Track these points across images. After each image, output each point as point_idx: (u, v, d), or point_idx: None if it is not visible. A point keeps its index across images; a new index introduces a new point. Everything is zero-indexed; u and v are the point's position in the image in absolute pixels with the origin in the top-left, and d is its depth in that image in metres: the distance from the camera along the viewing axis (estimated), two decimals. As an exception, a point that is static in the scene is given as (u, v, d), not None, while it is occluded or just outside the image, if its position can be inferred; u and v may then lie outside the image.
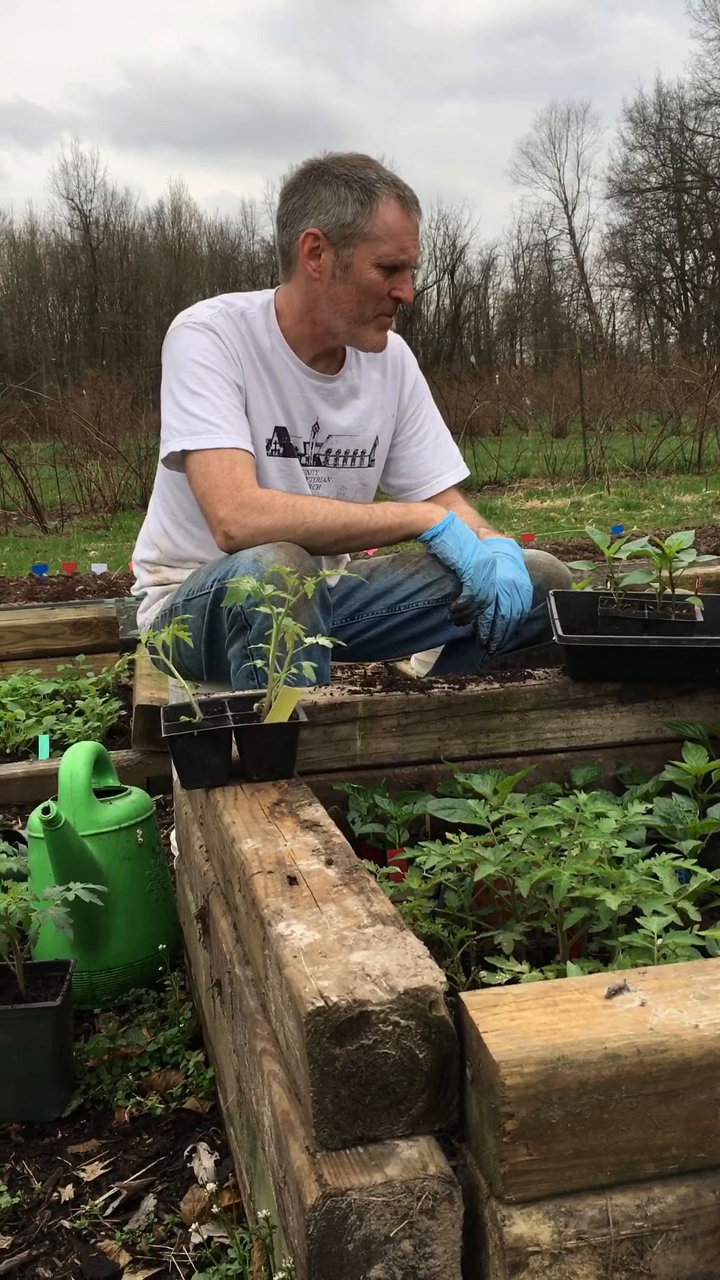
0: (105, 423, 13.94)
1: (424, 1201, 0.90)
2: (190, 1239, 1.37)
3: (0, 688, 3.81)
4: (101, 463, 12.75)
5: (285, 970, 1.01)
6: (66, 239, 48.39)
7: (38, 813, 1.85)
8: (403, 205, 2.20)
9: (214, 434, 2.18)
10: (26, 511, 11.81)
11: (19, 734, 3.49)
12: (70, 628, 4.27)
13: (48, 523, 11.35)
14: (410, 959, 0.99)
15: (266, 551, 2.04)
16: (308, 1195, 0.90)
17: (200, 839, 1.74)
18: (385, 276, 2.22)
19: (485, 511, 9.60)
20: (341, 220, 2.18)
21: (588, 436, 15.07)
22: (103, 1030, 1.82)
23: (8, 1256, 1.37)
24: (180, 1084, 1.69)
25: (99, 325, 44.63)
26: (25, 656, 4.22)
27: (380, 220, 2.18)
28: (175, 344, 2.28)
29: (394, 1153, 0.94)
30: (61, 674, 4.09)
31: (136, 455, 12.68)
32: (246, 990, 1.25)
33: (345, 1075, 0.93)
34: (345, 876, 1.20)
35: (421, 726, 1.87)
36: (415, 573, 2.38)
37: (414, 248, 2.23)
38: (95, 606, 4.68)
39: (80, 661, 4.19)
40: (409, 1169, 0.92)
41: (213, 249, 50.56)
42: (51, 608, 4.73)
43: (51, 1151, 1.59)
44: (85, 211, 47.82)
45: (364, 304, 2.24)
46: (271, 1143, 1.07)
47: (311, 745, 1.81)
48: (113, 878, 1.95)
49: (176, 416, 2.22)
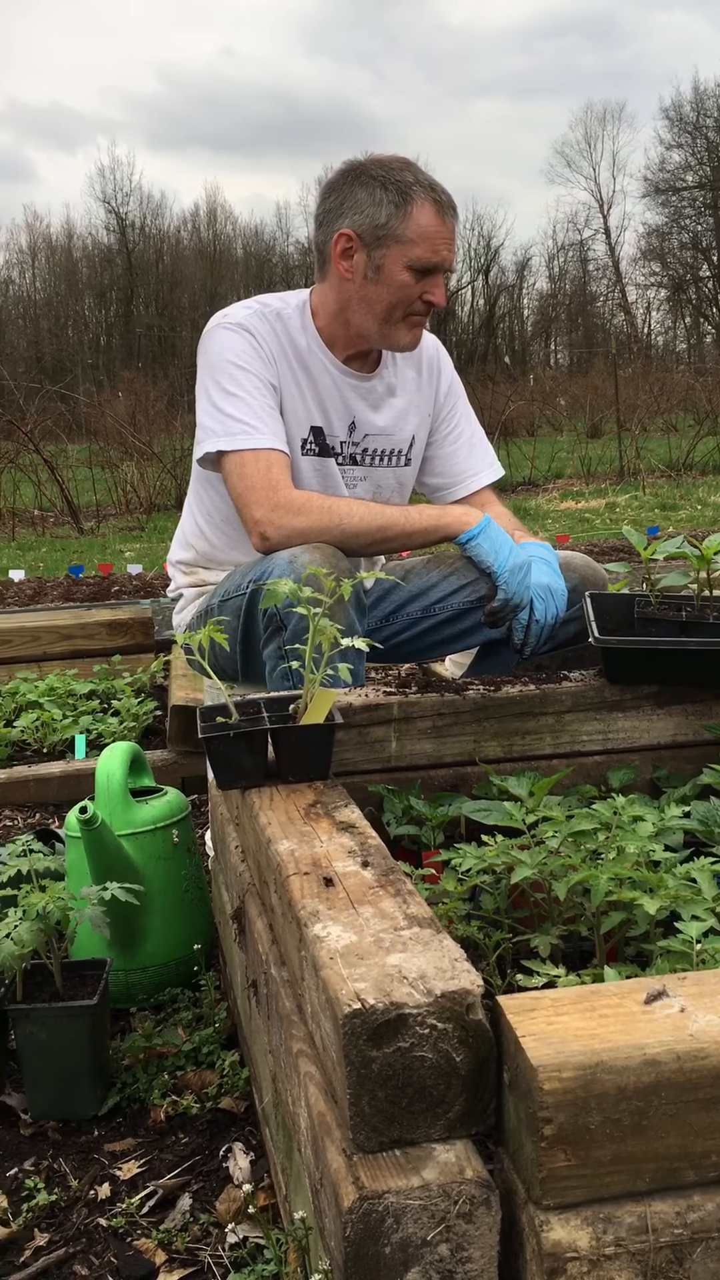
0: (141, 424, 14.03)
1: (461, 1205, 0.90)
2: (226, 1239, 1.37)
3: (38, 688, 3.84)
4: (137, 464, 12.83)
5: (322, 972, 1.01)
6: (103, 242, 48.71)
7: (75, 812, 1.87)
8: (438, 209, 2.19)
9: (249, 435, 2.19)
10: (63, 513, 11.90)
11: (56, 734, 3.52)
12: (106, 628, 4.29)
13: (84, 524, 11.43)
14: (447, 962, 0.99)
15: (302, 553, 2.04)
16: (345, 1197, 0.90)
17: (236, 839, 1.74)
18: (417, 279, 2.21)
19: (520, 512, 9.57)
20: (375, 221, 2.18)
21: (623, 437, 14.99)
22: (139, 1029, 1.83)
23: (45, 1253, 1.38)
24: (216, 1084, 1.70)
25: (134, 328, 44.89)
26: (62, 657, 4.25)
27: (414, 223, 2.17)
28: (210, 345, 2.29)
29: (431, 1156, 0.94)
30: (98, 674, 4.11)
31: (171, 456, 12.74)
32: (282, 991, 1.25)
33: (382, 1078, 0.93)
34: (381, 878, 1.20)
35: (457, 728, 1.86)
36: (450, 574, 2.37)
37: (447, 251, 2.22)
38: (131, 607, 4.71)
39: (116, 662, 4.21)
40: (446, 1173, 0.92)
41: (247, 251, 50.73)
42: (88, 608, 4.76)
43: (88, 1149, 1.60)
44: (121, 214, 48.11)
45: (395, 306, 2.24)
46: (308, 1144, 1.07)
47: (347, 746, 1.81)
48: (149, 877, 1.96)
49: (212, 417, 2.23)
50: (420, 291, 2.23)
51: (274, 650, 2.08)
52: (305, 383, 2.31)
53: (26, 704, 3.78)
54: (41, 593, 6.27)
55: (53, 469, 11.80)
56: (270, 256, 50.06)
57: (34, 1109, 1.67)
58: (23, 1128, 1.65)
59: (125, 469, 12.96)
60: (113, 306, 47.72)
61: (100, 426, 14.70)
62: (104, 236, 48.81)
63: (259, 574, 2.11)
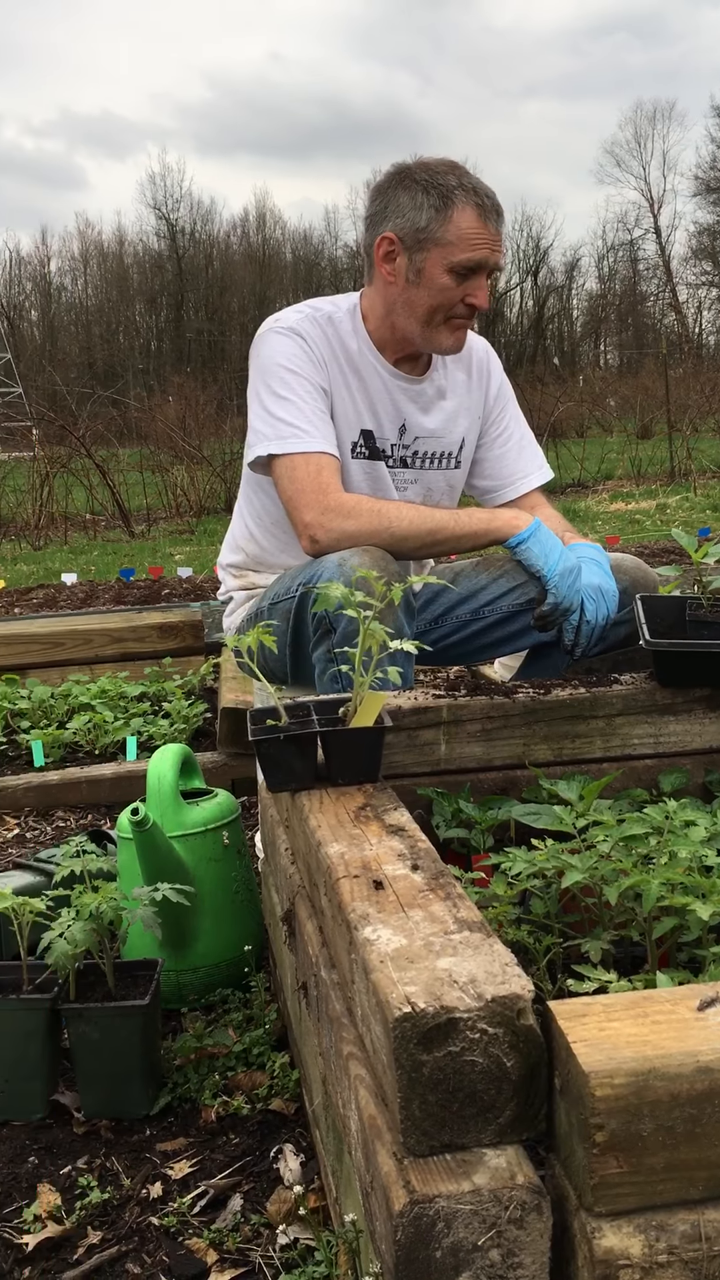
0: (190, 428, 14.12)
1: (512, 1211, 0.90)
2: (277, 1240, 1.37)
3: (90, 690, 3.88)
4: (187, 468, 12.92)
5: (372, 975, 1.01)
6: (153, 248, 49.13)
7: (127, 814, 1.88)
8: (479, 212, 2.18)
9: (300, 438, 2.20)
10: (114, 516, 12.01)
11: (107, 735, 3.55)
12: (157, 631, 4.33)
13: (134, 527, 11.54)
14: (498, 966, 0.99)
15: (351, 556, 2.04)
16: (395, 1201, 0.90)
17: (286, 842, 1.75)
18: (458, 282, 2.21)
19: (569, 514, 9.52)
20: (416, 225, 2.19)
21: (674, 437, 14.85)
22: (190, 1029, 1.84)
23: (98, 1251, 1.39)
24: (266, 1085, 1.70)
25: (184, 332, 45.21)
26: (114, 659, 4.29)
27: (454, 226, 2.17)
28: (262, 349, 2.30)
29: (481, 1161, 0.93)
30: (148, 676, 4.14)
31: (221, 460, 12.81)
32: (332, 994, 1.26)
33: (432, 1082, 0.93)
34: (431, 882, 1.20)
35: (506, 731, 1.86)
36: (500, 577, 2.37)
37: (488, 252, 2.21)
38: (181, 610, 4.74)
39: (166, 664, 4.25)
40: (497, 1178, 0.91)
41: (296, 255, 50.93)
42: (139, 611, 4.80)
43: (140, 1148, 1.61)
44: (172, 220, 48.48)
45: (436, 309, 2.23)
46: (358, 1147, 1.07)
47: (396, 749, 1.81)
48: (199, 879, 1.97)
49: (263, 421, 2.24)
50: (462, 294, 2.22)
51: (323, 653, 2.09)
52: (356, 386, 2.32)
53: (79, 706, 3.82)
54: (93, 596, 6.33)
55: (104, 473, 11.92)
56: (319, 260, 50.21)
57: (87, 1107, 1.68)
58: (76, 1126, 1.67)
59: (175, 473, 13.06)
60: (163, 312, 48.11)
61: (151, 431, 14.83)
62: (154, 242, 49.26)
63: (308, 577, 2.12)
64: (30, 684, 4.03)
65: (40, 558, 9.83)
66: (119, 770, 3.23)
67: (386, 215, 2.23)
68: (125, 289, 48.98)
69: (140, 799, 1.98)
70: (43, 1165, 1.58)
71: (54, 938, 1.64)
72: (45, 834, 3.00)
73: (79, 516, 12.49)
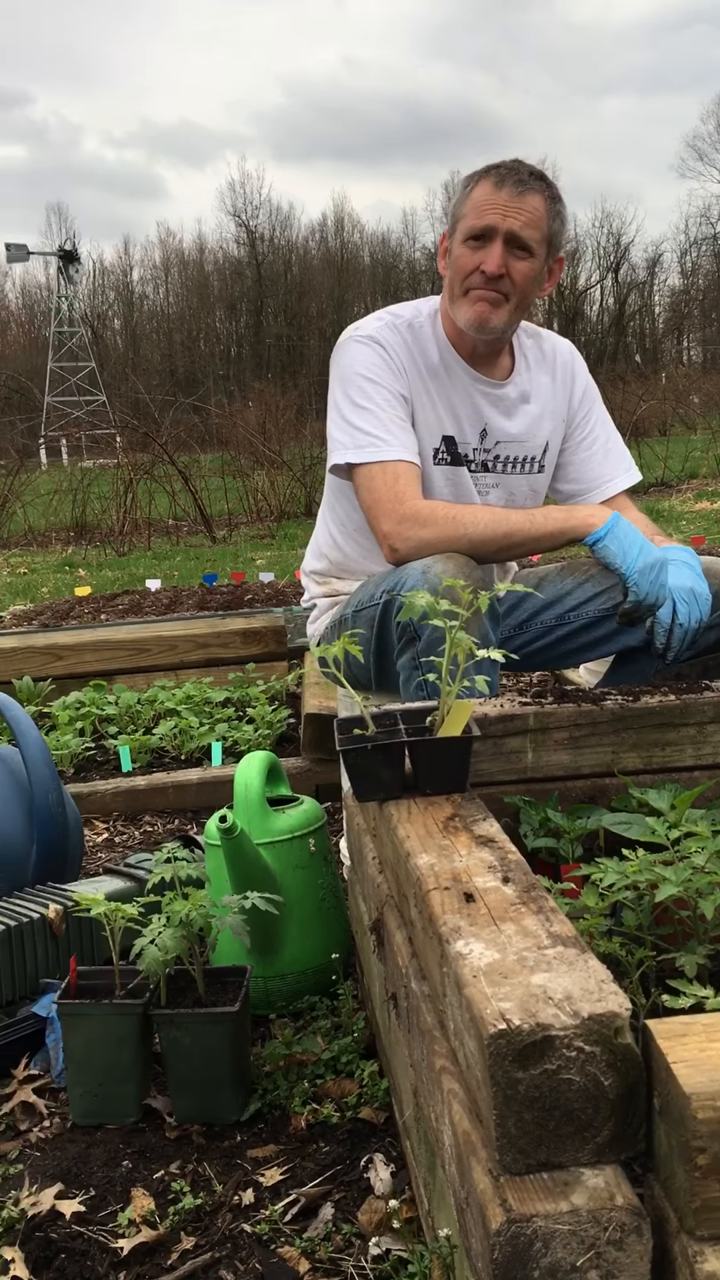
0: (270, 433, 14.22)
1: (611, 1232, 0.89)
2: (368, 1250, 1.37)
3: (175, 695, 3.93)
4: (267, 472, 13.02)
5: (465, 990, 1.00)
6: (233, 255, 49.59)
7: (214, 821, 1.90)
8: (496, 182, 2.18)
9: (378, 447, 2.20)
10: (196, 522, 12.15)
11: (193, 741, 3.59)
12: (240, 637, 4.36)
13: (216, 532, 11.65)
14: (594, 983, 0.98)
15: (435, 563, 2.04)
16: (492, 1219, 0.89)
17: (373, 851, 1.75)
18: (473, 251, 2.22)
19: (652, 514, 9.38)
20: (451, 214, 2.27)
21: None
22: (278, 1036, 1.85)
23: (192, 1257, 1.41)
24: (355, 1093, 1.70)
25: (264, 338, 45.57)
26: (198, 665, 4.33)
27: (470, 199, 2.22)
28: (341, 358, 2.31)
29: (579, 1180, 0.92)
30: (232, 682, 4.18)
31: (301, 464, 12.88)
32: (423, 1006, 1.25)
33: (528, 1099, 0.92)
34: (523, 895, 1.19)
35: (594, 739, 1.83)
36: (585, 581, 2.34)
37: (499, 217, 2.17)
38: (264, 616, 4.77)
39: (250, 670, 4.28)
40: (595, 1198, 0.90)
41: (374, 258, 51.01)
42: (223, 617, 4.85)
43: (231, 1154, 1.62)
44: (251, 227, 48.88)
45: (455, 281, 2.26)
46: (452, 1162, 1.06)
47: (482, 757, 1.80)
48: (286, 886, 1.98)
49: (342, 430, 2.25)
50: (475, 263, 2.21)
51: (408, 661, 2.08)
52: (436, 392, 2.31)
53: (165, 711, 3.87)
54: (177, 601, 6.40)
55: (186, 479, 12.06)
56: (396, 263, 50.22)
57: (178, 1112, 1.70)
58: (168, 1130, 1.69)
59: (256, 477, 13.17)
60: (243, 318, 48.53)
61: (231, 436, 14.97)
62: (234, 249, 49.71)
63: (391, 585, 2.12)
64: (117, 689, 4.09)
65: (125, 564, 9.98)
66: (204, 775, 3.26)
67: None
68: (205, 296, 49.51)
69: (226, 805, 2.00)
70: (136, 1169, 1.60)
71: (145, 944, 1.66)
72: (133, 838, 3.04)
73: (162, 522, 12.66)
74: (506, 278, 2.20)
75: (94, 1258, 1.42)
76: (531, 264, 2.21)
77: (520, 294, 2.23)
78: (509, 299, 2.23)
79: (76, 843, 2.44)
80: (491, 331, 2.25)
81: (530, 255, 2.20)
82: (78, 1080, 1.72)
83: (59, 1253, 1.43)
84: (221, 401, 20.75)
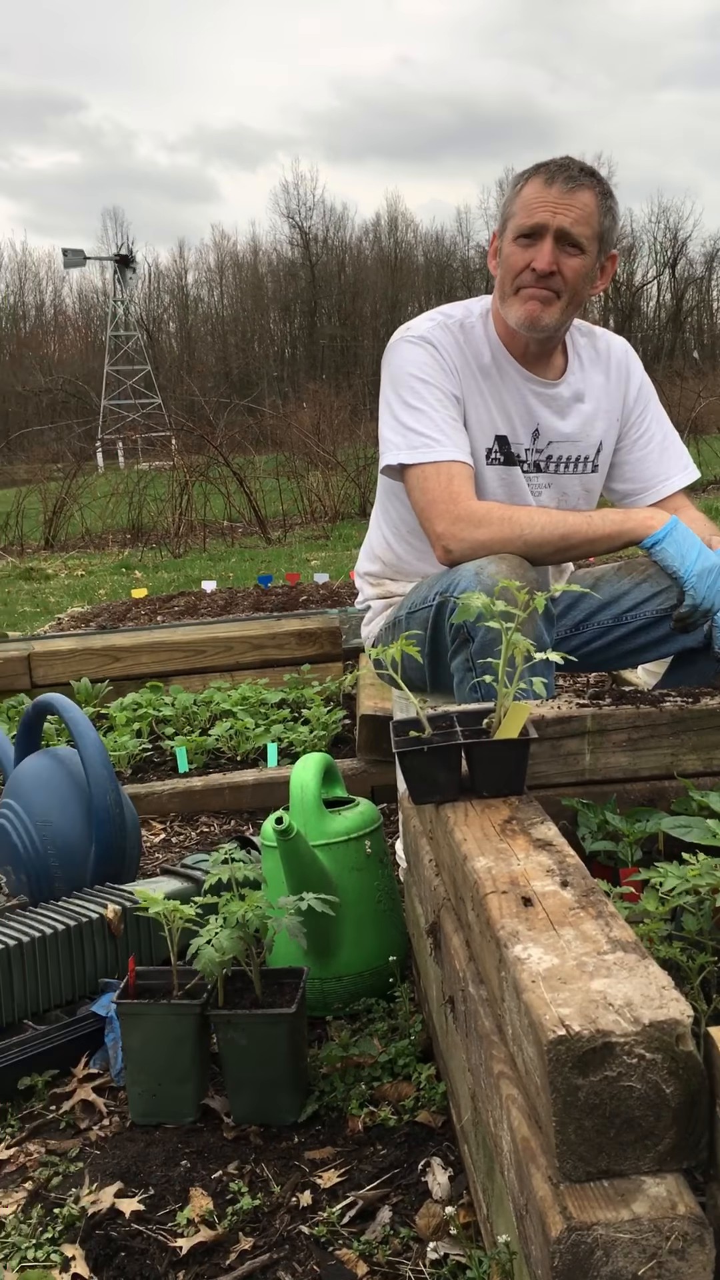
0: (325, 434, 14.26)
1: (673, 1242, 0.87)
2: (426, 1254, 1.37)
3: (231, 696, 3.95)
4: (321, 473, 13.05)
5: (524, 995, 0.99)
6: (287, 256, 49.78)
7: (271, 823, 1.90)
8: (547, 179, 2.17)
9: (431, 448, 2.19)
10: (251, 523, 12.21)
11: (249, 742, 3.60)
12: (295, 638, 4.38)
13: (271, 533, 11.70)
14: (655, 989, 0.96)
15: (489, 564, 2.03)
16: (552, 1227, 0.89)
17: (430, 853, 1.75)
18: (524, 249, 2.21)
19: (710, 513, 9.26)
20: (502, 213, 2.27)
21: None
22: (336, 1038, 1.85)
23: (250, 1258, 1.41)
24: (412, 1096, 1.70)
25: (318, 339, 45.68)
26: (253, 666, 4.35)
27: (521, 198, 2.21)
28: (394, 359, 2.31)
29: (640, 1189, 0.91)
30: (288, 683, 4.19)
31: (355, 465, 12.90)
32: (481, 1010, 1.24)
33: (588, 1106, 0.91)
34: (582, 899, 1.18)
35: (653, 741, 1.81)
36: (642, 581, 2.31)
37: (546, 214, 2.16)
38: (319, 617, 4.79)
39: (305, 671, 4.29)
40: (657, 1207, 0.89)
41: (428, 257, 50.94)
42: (278, 619, 4.87)
43: (289, 1156, 1.62)
44: (305, 229, 49.04)
45: (506, 280, 2.25)
46: (511, 1168, 1.06)
47: (539, 759, 1.78)
48: (342, 888, 1.98)
49: (394, 430, 2.25)
50: (526, 260, 2.20)
51: (462, 662, 2.08)
52: (489, 392, 2.30)
53: (220, 712, 3.89)
54: (233, 603, 6.43)
55: (241, 480, 12.13)
56: (450, 262, 50.12)
57: (236, 1113, 1.71)
58: (225, 1130, 1.70)
59: (310, 478, 13.20)
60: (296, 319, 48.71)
61: (286, 437, 15.03)
62: (288, 251, 49.87)
63: (445, 586, 2.11)
64: (174, 690, 4.12)
65: (180, 565, 10.06)
66: (260, 776, 3.27)
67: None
68: (260, 298, 49.76)
69: (282, 807, 2.00)
70: (195, 1169, 1.61)
71: (202, 945, 1.67)
72: (190, 838, 3.06)
73: (217, 524, 12.74)
74: (558, 275, 2.18)
75: (153, 1256, 1.43)
76: (583, 261, 2.19)
77: (571, 291, 2.21)
78: (560, 296, 2.21)
79: (134, 843, 2.47)
80: (543, 330, 2.23)
81: (581, 252, 2.18)
82: (136, 1079, 1.73)
83: (119, 1251, 1.45)
84: (276, 403, 20.84)
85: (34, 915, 2.09)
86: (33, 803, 2.41)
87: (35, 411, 36.60)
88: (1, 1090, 1.82)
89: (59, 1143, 1.71)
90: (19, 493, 13.84)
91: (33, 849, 2.37)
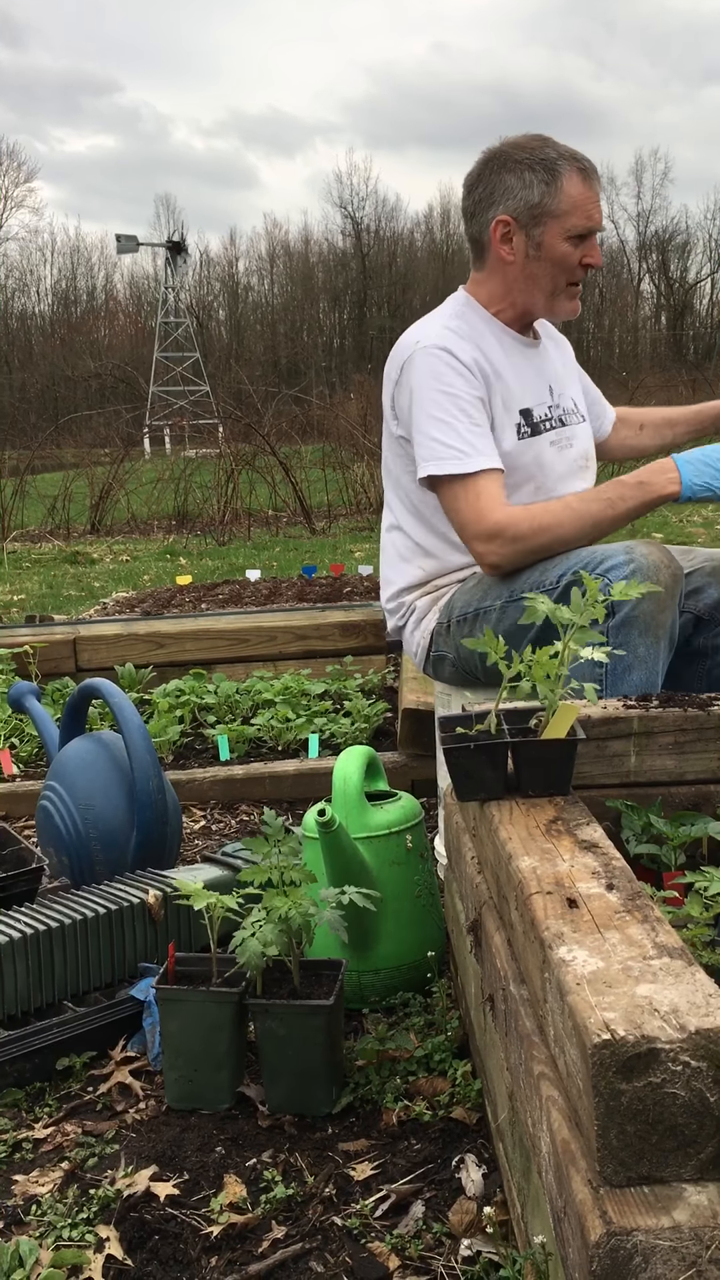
0: (371, 425, 14.22)
1: (714, 1251, 0.87)
2: (459, 1251, 1.37)
3: (273, 687, 3.96)
4: (367, 465, 13.03)
5: (568, 997, 0.99)
6: (338, 246, 49.72)
7: (313, 814, 1.91)
8: (584, 177, 2.28)
9: (460, 459, 2.23)
10: (296, 513, 12.22)
11: (290, 732, 3.61)
12: (339, 629, 4.38)
13: (315, 524, 11.71)
14: (701, 997, 0.96)
15: (639, 545, 2.07)
16: (591, 1231, 0.88)
17: (472, 850, 1.74)
18: (575, 247, 2.30)
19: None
20: (529, 202, 2.28)
21: None
22: (372, 1031, 1.85)
23: (282, 1246, 1.42)
24: (447, 1092, 1.70)
25: (367, 330, 45.62)
26: (296, 657, 4.36)
27: (565, 195, 2.26)
28: (413, 373, 2.32)
29: (681, 1197, 0.91)
30: (330, 674, 4.20)
31: (401, 458, 12.84)
32: (522, 1010, 1.24)
33: (631, 1112, 0.91)
34: (627, 903, 1.17)
35: (700, 744, 1.80)
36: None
37: (598, 214, 2.32)
38: (363, 609, 4.79)
39: (348, 662, 4.29)
40: (698, 1215, 0.89)
41: (479, 249, 50.61)
42: (322, 610, 4.87)
43: (323, 1146, 1.63)
44: (357, 219, 48.97)
45: (558, 277, 2.33)
46: (549, 1169, 1.05)
47: (584, 759, 1.77)
48: (382, 881, 1.98)
49: (420, 443, 2.29)
50: (580, 257, 2.31)
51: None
52: (508, 372, 2.37)
53: (262, 702, 3.90)
54: (276, 593, 6.45)
55: (287, 470, 12.14)
56: (501, 254, 49.77)
57: (271, 1102, 1.72)
58: (260, 1119, 1.70)
59: (356, 470, 13.19)
60: (346, 310, 48.66)
61: (333, 428, 15.02)
62: (340, 241, 49.82)
63: (584, 563, 2.10)
64: (217, 678, 4.13)
65: (225, 553, 10.09)
66: (301, 767, 3.28)
67: (494, 200, 2.32)
68: (310, 287, 49.76)
69: (326, 800, 2.01)
70: (229, 1156, 1.62)
71: (247, 937, 1.67)
72: (230, 827, 3.08)
73: (262, 513, 12.76)
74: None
75: (186, 1240, 1.45)
76: None
77: None
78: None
79: (175, 829, 2.48)
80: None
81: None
82: (173, 1065, 1.74)
83: (152, 1234, 1.46)
84: (323, 393, 20.84)
85: (75, 898, 2.11)
86: (76, 786, 2.43)
87: (84, 396, 36.86)
88: (40, 1070, 1.84)
89: (95, 1124, 1.72)
90: (66, 476, 13.94)
91: (75, 832, 2.39)
